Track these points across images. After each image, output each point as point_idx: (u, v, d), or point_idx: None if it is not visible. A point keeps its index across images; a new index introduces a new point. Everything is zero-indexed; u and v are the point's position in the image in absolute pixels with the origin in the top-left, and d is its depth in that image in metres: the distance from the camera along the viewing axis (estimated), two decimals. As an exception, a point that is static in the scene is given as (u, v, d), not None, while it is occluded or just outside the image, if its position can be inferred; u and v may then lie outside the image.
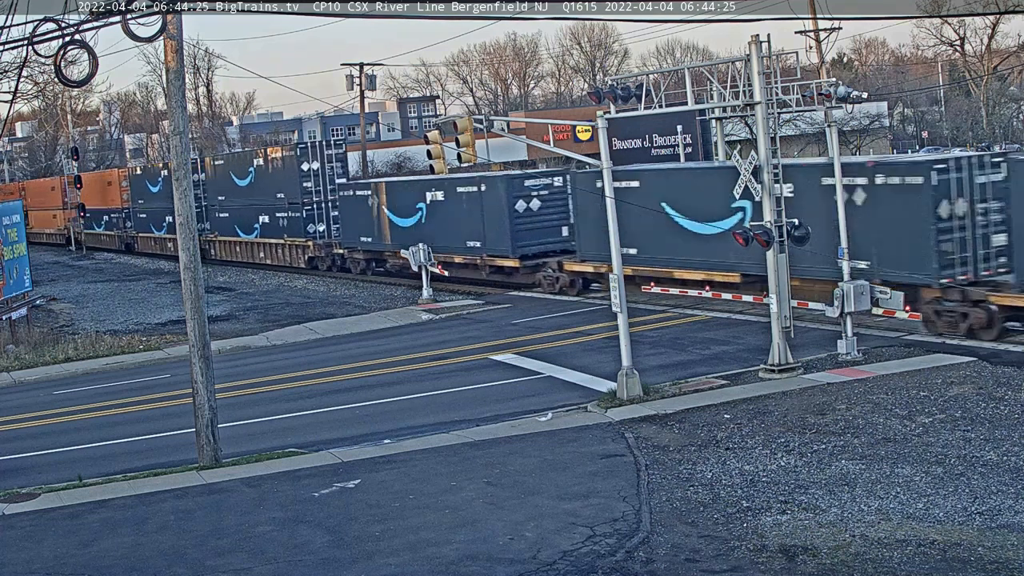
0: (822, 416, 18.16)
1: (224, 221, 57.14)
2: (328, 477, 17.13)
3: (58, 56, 16.09)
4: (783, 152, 22.43)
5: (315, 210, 49.13)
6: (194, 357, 18.86)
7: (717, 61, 24.43)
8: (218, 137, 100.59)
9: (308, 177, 48.91)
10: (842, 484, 14.75)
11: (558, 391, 22.25)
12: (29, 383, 29.10)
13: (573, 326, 29.25)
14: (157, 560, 14.02)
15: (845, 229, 22.67)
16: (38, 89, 46.25)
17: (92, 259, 71.39)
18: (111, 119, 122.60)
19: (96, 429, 22.80)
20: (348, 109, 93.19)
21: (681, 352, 24.89)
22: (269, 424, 21.85)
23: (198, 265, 19.01)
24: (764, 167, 21.33)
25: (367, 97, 65.92)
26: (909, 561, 12.02)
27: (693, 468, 16.03)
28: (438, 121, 52.51)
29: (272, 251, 53.03)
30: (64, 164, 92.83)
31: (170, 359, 30.20)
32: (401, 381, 24.78)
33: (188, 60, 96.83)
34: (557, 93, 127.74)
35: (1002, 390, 18.78)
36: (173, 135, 19.08)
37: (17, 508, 16.78)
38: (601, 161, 21.38)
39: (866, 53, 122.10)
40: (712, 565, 12.40)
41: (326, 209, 48.92)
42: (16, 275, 37.73)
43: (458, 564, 12.96)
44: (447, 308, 34.85)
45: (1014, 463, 15.01)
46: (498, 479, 16.31)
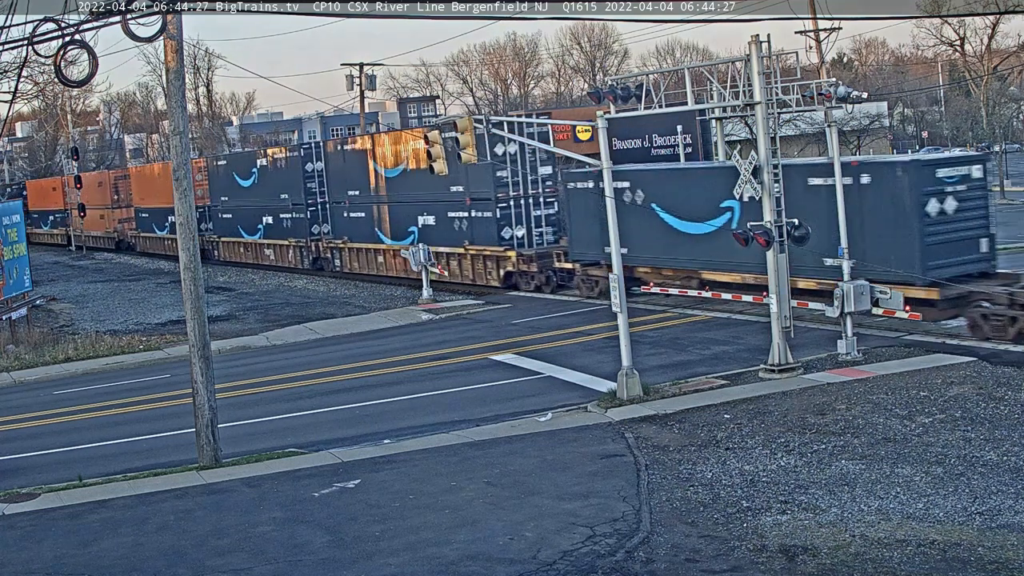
0: (822, 416, 18.16)
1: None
2: (328, 477, 17.14)
3: (58, 56, 16.07)
4: (783, 152, 22.44)
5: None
6: (194, 357, 18.86)
7: (717, 61, 24.42)
8: (218, 137, 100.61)
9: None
10: (842, 484, 14.75)
11: (558, 391, 22.25)
12: (29, 383, 29.10)
13: (573, 326, 29.25)
14: (157, 560, 14.02)
15: (845, 227, 22.68)
16: (38, 89, 46.22)
17: (92, 259, 71.40)
18: (111, 119, 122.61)
19: (96, 429, 22.80)
20: (348, 109, 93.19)
21: (681, 352, 24.89)
22: (269, 424, 21.85)
23: (198, 265, 19.01)
24: (764, 167, 21.33)
25: (367, 97, 65.87)
26: (909, 561, 12.02)
27: (693, 468, 16.03)
28: (438, 121, 52.57)
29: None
30: (64, 164, 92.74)
31: (170, 359, 30.21)
32: (401, 381, 24.78)
33: (188, 60, 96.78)
34: (557, 93, 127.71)
35: (1002, 390, 18.77)
36: (173, 135, 19.07)
37: (17, 508, 16.79)
38: (601, 161, 21.39)
39: (866, 53, 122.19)
40: (712, 565, 12.40)
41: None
42: (16, 275, 37.74)
43: (458, 564, 12.96)
44: (447, 308, 34.84)
45: (1014, 463, 15.01)
46: (498, 479, 16.31)
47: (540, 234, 37.10)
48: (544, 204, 37.22)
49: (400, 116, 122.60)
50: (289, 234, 50.88)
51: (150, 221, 67.36)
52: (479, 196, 37.52)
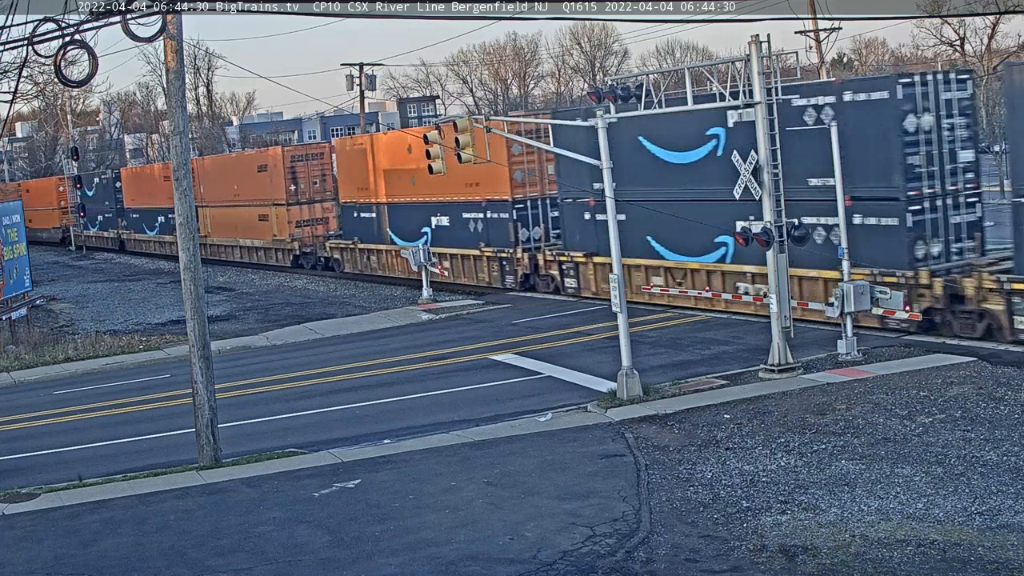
0: (822, 416, 18.16)
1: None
2: (328, 477, 17.14)
3: (58, 56, 16.07)
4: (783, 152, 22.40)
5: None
6: (194, 357, 18.87)
7: (717, 61, 24.43)
8: (218, 137, 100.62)
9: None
10: (842, 484, 14.75)
11: (558, 391, 22.25)
12: (29, 383, 29.11)
13: (573, 326, 29.25)
14: (157, 560, 14.03)
15: (844, 228, 22.69)
16: (38, 89, 46.20)
17: (92, 259, 71.39)
18: (111, 119, 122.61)
19: (96, 429, 22.80)
20: (348, 109, 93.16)
21: (681, 352, 24.89)
22: (269, 424, 21.85)
23: (198, 265, 19.02)
24: (764, 167, 21.33)
25: (367, 97, 65.89)
26: (909, 561, 12.02)
27: (693, 468, 16.04)
28: (438, 121, 52.41)
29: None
30: (64, 164, 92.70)
31: (170, 359, 30.22)
32: (401, 381, 24.78)
33: (188, 60, 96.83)
34: (557, 93, 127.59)
35: (1002, 390, 18.77)
36: (173, 135, 19.08)
37: (17, 508, 16.79)
38: (601, 161, 21.39)
39: (866, 53, 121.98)
40: (712, 565, 12.40)
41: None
42: (16, 275, 37.75)
43: (458, 564, 12.96)
44: (447, 308, 34.84)
45: (1014, 463, 15.01)
46: (498, 479, 16.31)
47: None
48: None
49: (400, 116, 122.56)
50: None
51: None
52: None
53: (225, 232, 56.43)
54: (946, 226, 24.34)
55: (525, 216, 36.30)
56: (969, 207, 24.64)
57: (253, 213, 52.50)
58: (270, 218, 50.91)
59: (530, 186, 36.16)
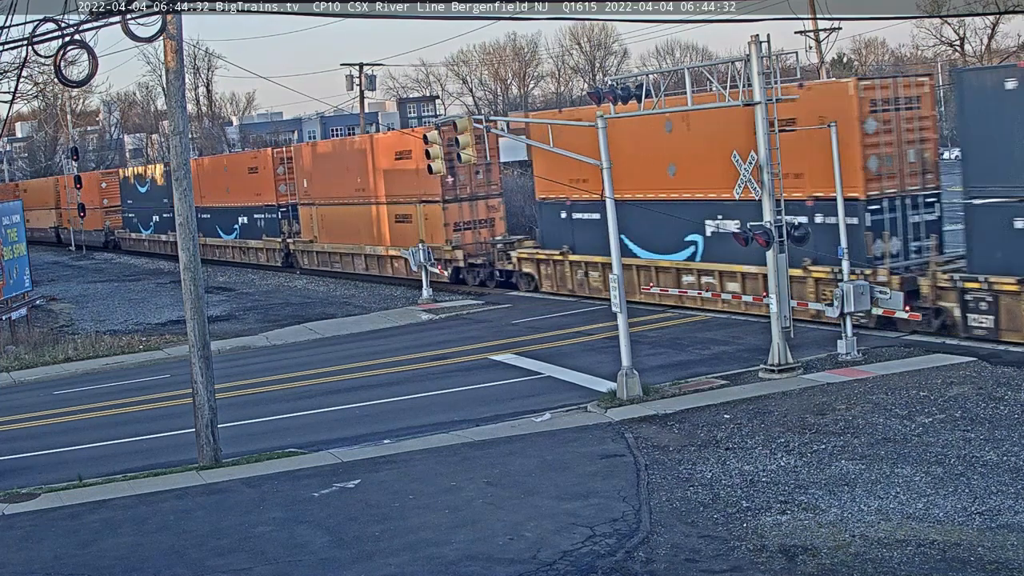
0: (822, 416, 18.16)
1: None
2: (328, 477, 17.14)
3: (58, 56, 16.07)
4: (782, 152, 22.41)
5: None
6: (194, 357, 18.87)
7: (717, 61, 24.49)
8: (218, 137, 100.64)
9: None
10: (842, 484, 14.75)
11: (558, 391, 22.25)
12: (29, 383, 29.11)
13: (573, 326, 29.25)
14: (157, 560, 14.03)
15: (844, 228, 22.72)
16: (38, 89, 46.29)
17: (92, 259, 71.36)
18: (111, 119, 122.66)
19: (96, 429, 22.80)
20: (348, 109, 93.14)
21: (681, 352, 24.90)
22: (269, 424, 21.85)
23: (198, 265, 19.02)
24: (764, 167, 21.34)
25: (367, 97, 65.87)
26: (909, 561, 12.02)
27: (693, 468, 16.04)
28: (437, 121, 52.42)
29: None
30: (64, 164, 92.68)
31: (170, 359, 30.22)
32: (401, 381, 24.78)
33: (188, 60, 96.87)
34: (557, 93, 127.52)
35: (1002, 390, 18.78)
36: (173, 135, 19.08)
37: (17, 508, 16.79)
38: (601, 161, 21.38)
39: (866, 53, 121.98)
40: (712, 565, 12.40)
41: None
42: (16, 275, 37.74)
43: (458, 564, 12.96)
44: (447, 308, 34.84)
45: (1014, 463, 15.01)
46: (498, 479, 16.31)
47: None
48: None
49: (400, 116, 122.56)
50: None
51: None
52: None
53: (340, 237, 44.87)
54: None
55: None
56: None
57: (385, 213, 41.63)
58: (415, 219, 39.53)
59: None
